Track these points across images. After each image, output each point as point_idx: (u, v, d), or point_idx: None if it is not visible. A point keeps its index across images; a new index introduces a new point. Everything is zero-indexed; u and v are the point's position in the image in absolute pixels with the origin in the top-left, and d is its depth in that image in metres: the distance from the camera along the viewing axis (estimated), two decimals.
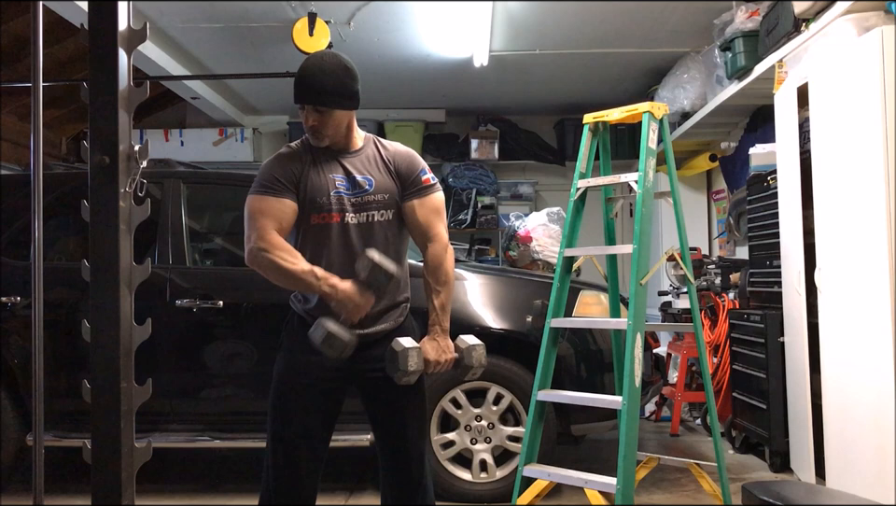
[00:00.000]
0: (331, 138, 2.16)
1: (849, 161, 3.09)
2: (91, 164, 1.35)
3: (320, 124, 2.12)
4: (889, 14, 3.11)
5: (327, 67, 2.11)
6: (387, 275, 2.03)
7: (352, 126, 2.21)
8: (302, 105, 2.12)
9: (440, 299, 2.18)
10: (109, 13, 1.36)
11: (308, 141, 2.21)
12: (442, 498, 3.37)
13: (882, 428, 2.84)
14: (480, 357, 2.18)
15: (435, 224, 2.21)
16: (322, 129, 2.13)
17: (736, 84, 4.75)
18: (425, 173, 2.23)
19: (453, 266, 2.23)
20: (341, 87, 2.11)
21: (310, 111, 2.11)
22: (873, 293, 2.91)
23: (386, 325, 2.20)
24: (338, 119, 2.13)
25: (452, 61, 5.93)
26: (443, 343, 2.16)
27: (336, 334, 1.99)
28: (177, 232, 3.66)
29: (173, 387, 3.53)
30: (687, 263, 3.00)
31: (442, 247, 2.20)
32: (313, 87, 2.09)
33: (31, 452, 1.50)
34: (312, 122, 2.12)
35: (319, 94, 2.09)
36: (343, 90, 2.11)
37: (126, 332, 1.37)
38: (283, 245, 2.06)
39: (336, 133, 2.16)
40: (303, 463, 2.16)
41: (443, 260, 2.19)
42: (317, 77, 2.09)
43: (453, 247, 2.29)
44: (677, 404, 4.91)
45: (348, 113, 2.16)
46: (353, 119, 2.21)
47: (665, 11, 4.95)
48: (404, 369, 2.04)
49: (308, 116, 2.12)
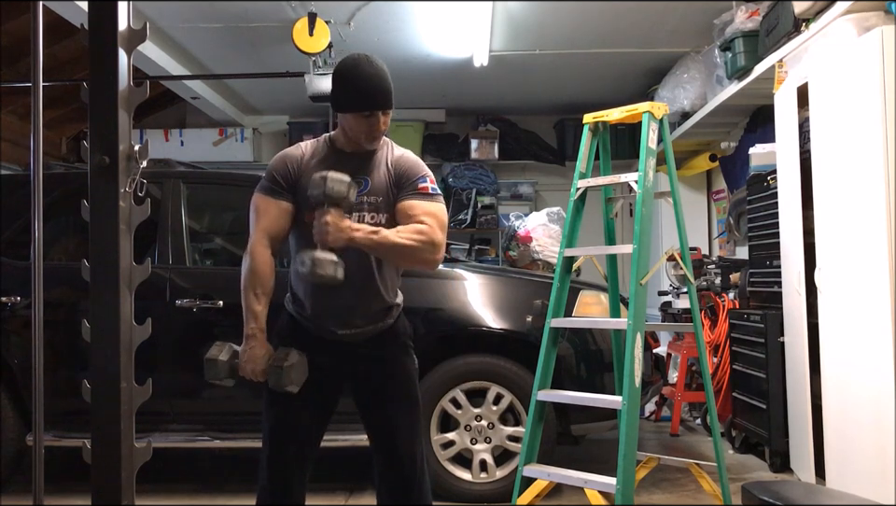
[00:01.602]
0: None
1: (849, 161, 3.09)
2: (91, 164, 1.35)
3: (385, 126, 2.13)
4: (889, 14, 3.11)
5: (380, 70, 2.10)
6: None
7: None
8: (373, 111, 2.08)
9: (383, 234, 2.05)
10: (109, 13, 1.36)
11: (331, 140, 2.20)
12: (442, 499, 3.37)
13: (882, 428, 2.84)
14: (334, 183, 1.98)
15: (429, 223, 2.07)
16: (384, 130, 2.14)
17: (736, 84, 4.75)
18: (424, 181, 2.15)
19: (432, 260, 2.08)
20: (392, 86, 2.12)
21: (377, 115, 2.09)
22: (873, 293, 2.91)
23: (376, 326, 2.20)
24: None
25: (452, 61, 5.93)
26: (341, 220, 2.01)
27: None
28: (177, 232, 3.66)
29: (173, 387, 3.52)
30: (687, 263, 3.00)
31: (434, 245, 2.06)
32: (382, 90, 2.08)
33: (31, 452, 1.50)
34: (382, 126, 2.11)
35: (388, 97, 2.09)
36: (393, 88, 2.12)
37: (126, 332, 1.37)
38: (261, 261, 2.10)
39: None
40: (293, 463, 2.17)
41: (427, 244, 2.04)
42: (381, 81, 2.08)
43: (453, 248, 2.27)
44: (677, 404, 4.91)
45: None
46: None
47: (665, 11, 4.95)
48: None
49: (374, 121, 2.10)
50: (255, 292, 2.10)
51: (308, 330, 2.19)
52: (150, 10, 4.87)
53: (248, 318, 2.10)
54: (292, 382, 2.03)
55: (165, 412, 3.53)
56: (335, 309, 2.15)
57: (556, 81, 6.57)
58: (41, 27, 1.52)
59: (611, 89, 6.74)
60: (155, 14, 4.95)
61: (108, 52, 1.36)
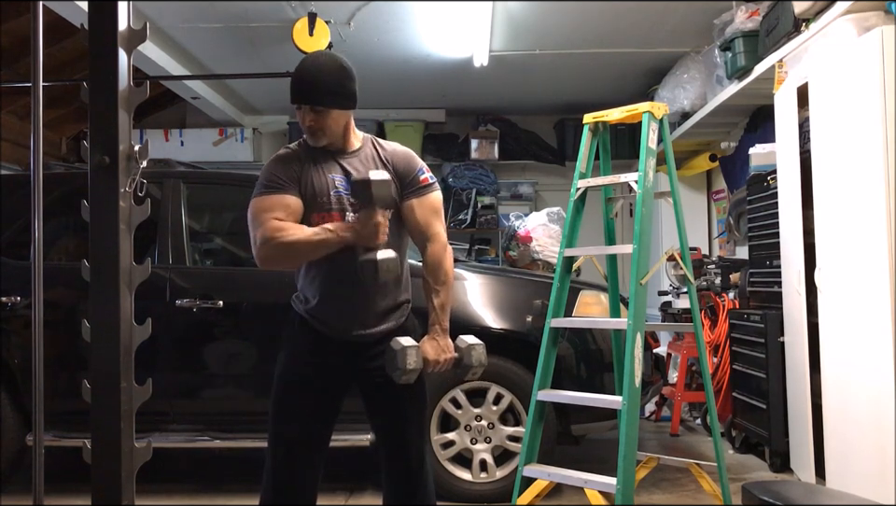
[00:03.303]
0: (329, 138, 2.16)
1: (849, 161, 3.09)
2: (91, 164, 1.35)
3: (317, 124, 2.12)
4: (889, 14, 3.11)
5: (324, 67, 2.11)
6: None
7: (349, 126, 2.20)
8: (299, 104, 2.12)
9: (439, 298, 2.18)
10: (109, 13, 1.36)
11: (306, 142, 2.21)
12: (442, 498, 3.36)
13: (882, 428, 2.84)
14: (480, 356, 2.18)
15: (434, 224, 2.21)
16: (319, 129, 2.12)
17: (736, 84, 4.75)
18: (423, 172, 2.22)
19: (452, 265, 2.23)
20: (338, 86, 2.11)
21: (307, 111, 2.11)
22: (873, 293, 2.91)
23: (388, 325, 2.20)
24: (335, 119, 2.13)
25: (452, 61, 5.92)
26: (443, 342, 2.16)
27: (383, 258, 2.00)
28: (177, 232, 3.66)
29: (173, 387, 3.52)
30: (687, 263, 3.00)
31: (441, 247, 2.20)
32: (310, 86, 2.09)
33: (31, 452, 1.50)
34: (309, 122, 2.12)
35: (316, 94, 2.09)
36: (341, 89, 2.11)
37: (126, 332, 1.37)
38: (285, 225, 2.05)
39: (334, 132, 2.15)
40: (302, 464, 2.16)
41: (442, 260, 2.19)
42: (314, 77, 2.09)
43: (452, 248, 2.29)
44: (677, 404, 4.91)
45: (346, 113, 2.16)
46: (350, 119, 2.20)
47: (665, 11, 4.95)
48: (402, 367, 2.04)
49: (305, 116, 2.12)
50: (301, 231, 2.06)
51: (320, 330, 2.19)
52: (150, 10, 4.87)
53: (330, 236, 2.04)
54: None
55: (165, 412, 3.53)
56: (350, 310, 2.16)
57: (556, 81, 6.57)
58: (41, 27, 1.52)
59: (611, 89, 6.74)
60: (155, 14, 4.95)
61: (108, 52, 1.36)
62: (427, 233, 2.20)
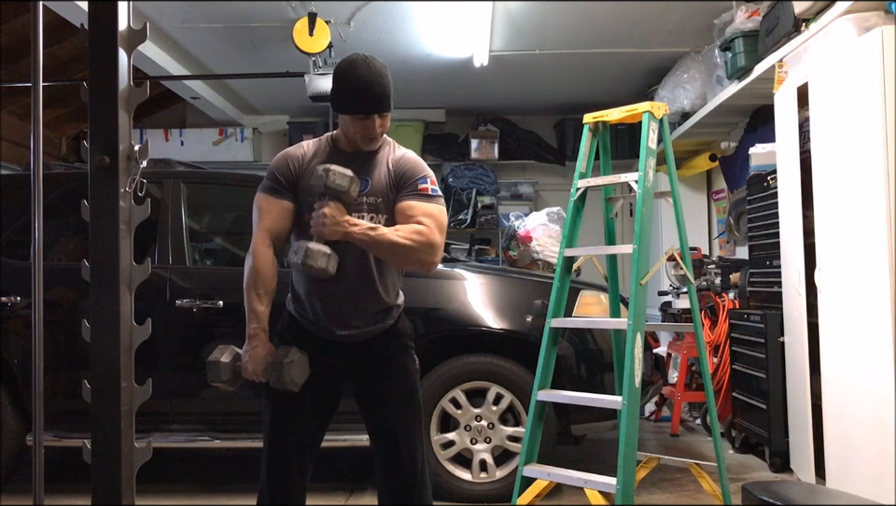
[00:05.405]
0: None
1: (849, 161, 3.09)
2: (91, 164, 1.35)
3: (383, 129, 2.13)
4: (889, 14, 3.11)
5: (380, 71, 2.09)
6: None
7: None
8: (368, 114, 2.08)
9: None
10: (109, 13, 1.36)
11: (333, 140, 2.20)
12: (442, 498, 3.37)
13: (882, 428, 2.84)
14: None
15: (424, 222, 2.07)
16: (380, 133, 2.14)
17: (736, 84, 4.75)
18: (424, 181, 2.13)
19: (426, 260, 2.08)
20: (391, 89, 2.11)
21: (373, 118, 2.09)
22: (873, 293, 2.91)
23: (375, 327, 2.19)
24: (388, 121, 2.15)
25: (452, 61, 5.92)
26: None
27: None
28: (177, 232, 3.65)
29: (173, 387, 3.52)
30: (687, 263, 3.00)
31: (428, 243, 2.05)
32: (380, 95, 2.07)
33: (31, 452, 1.50)
34: (378, 128, 2.11)
35: (387, 101, 2.09)
36: (391, 90, 2.12)
37: (126, 332, 1.37)
38: (263, 261, 2.09)
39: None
40: (293, 463, 2.17)
41: (420, 246, 2.04)
42: (381, 84, 2.08)
43: (452, 247, 2.27)
44: (677, 404, 4.91)
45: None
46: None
47: (665, 11, 4.95)
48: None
49: (371, 124, 2.09)
50: (257, 292, 2.10)
51: (309, 330, 2.19)
52: (150, 10, 4.87)
53: (250, 318, 2.10)
54: (293, 380, 2.03)
55: (165, 412, 3.53)
56: (334, 310, 2.15)
57: (556, 81, 6.57)
58: (41, 27, 1.52)
59: (611, 89, 6.74)
60: (155, 14, 4.95)
61: (108, 52, 1.36)
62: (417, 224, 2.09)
